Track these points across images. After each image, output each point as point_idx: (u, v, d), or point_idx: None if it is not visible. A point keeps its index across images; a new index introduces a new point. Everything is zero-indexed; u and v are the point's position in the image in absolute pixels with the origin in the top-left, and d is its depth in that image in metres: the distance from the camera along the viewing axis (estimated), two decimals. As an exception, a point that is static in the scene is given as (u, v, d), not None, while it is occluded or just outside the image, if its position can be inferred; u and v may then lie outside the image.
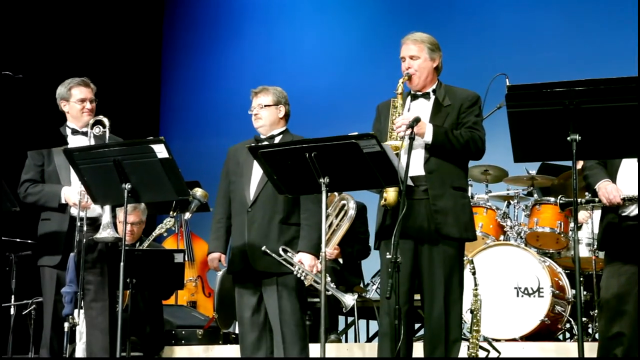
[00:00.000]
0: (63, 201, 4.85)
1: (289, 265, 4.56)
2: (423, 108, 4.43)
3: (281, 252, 4.58)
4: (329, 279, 4.68)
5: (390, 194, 4.29)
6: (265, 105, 4.76)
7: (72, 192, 4.80)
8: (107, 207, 4.72)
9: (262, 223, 4.65)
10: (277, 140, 4.73)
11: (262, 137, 4.79)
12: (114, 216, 4.97)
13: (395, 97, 4.40)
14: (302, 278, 4.56)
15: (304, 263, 4.55)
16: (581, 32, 8.17)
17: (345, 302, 4.71)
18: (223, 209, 4.84)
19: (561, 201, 4.59)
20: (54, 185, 4.91)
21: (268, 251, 4.58)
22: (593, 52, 7.95)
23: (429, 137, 4.28)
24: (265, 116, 4.76)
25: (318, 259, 4.57)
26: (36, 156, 4.97)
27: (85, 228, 4.75)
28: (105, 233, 4.69)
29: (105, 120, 4.91)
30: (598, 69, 7.12)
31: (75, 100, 5.00)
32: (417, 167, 4.29)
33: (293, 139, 4.64)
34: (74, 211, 4.81)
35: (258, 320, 4.66)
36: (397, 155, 4.13)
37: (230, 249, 4.78)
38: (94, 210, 4.84)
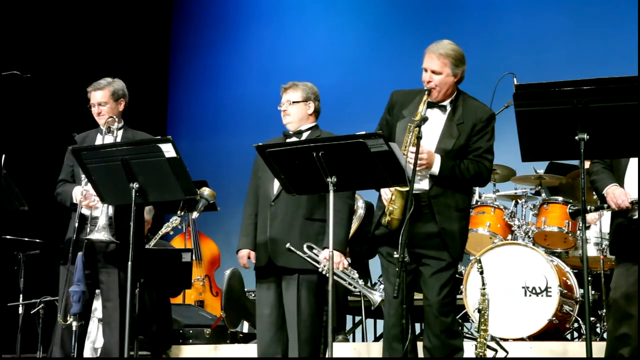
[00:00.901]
0: (74, 200, 4.88)
1: (314, 263, 4.52)
2: (436, 119, 4.34)
3: (306, 250, 4.54)
4: (356, 274, 4.67)
5: (394, 222, 4.23)
6: (293, 102, 4.74)
7: (78, 191, 4.83)
8: (105, 208, 4.73)
9: (284, 218, 4.62)
10: (304, 135, 4.71)
11: (291, 133, 4.76)
12: (129, 217, 4.99)
13: (412, 123, 4.21)
14: (328, 275, 4.51)
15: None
16: (589, 31, 8.15)
17: (373, 299, 4.69)
18: (252, 207, 4.81)
19: (570, 210, 4.58)
20: (71, 185, 4.96)
21: (292, 249, 4.53)
22: (601, 51, 7.94)
23: (436, 170, 4.24)
24: (294, 112, 4.74)
25: (345, 255, 4.56)
26: (69, 156, 5.02)
27: (89, 228, 4.77)
28: (100, 235, 4.69)
29: (116, 123, 4.95)
30: (606, 68, 7.11)
31: (91, 104, 5.05)
32: (422, 183, 4.26)
33: (321, 134, 4.64)
34: (83, 210, 4.84)
35: (277, 318, 4.62)
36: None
37: (256, 244, 4.76)
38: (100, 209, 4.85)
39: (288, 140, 4.69)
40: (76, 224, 4.78)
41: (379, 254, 4.45)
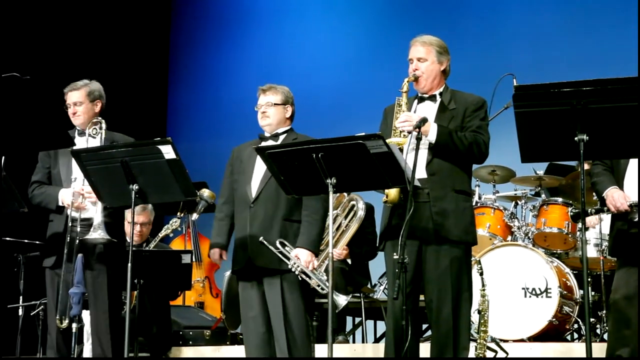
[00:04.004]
0: (60, 203, 4.86)
1: (285, 259, 4.54)
2: (429, 110, 4.41)
3: (278, 245, 4.56)
4: (324, 277, 4.67)
5: (392, 190, 4.27)
6: (274, 104, 4.75)
7: (68, 193, 4.82)
8: (99, 208, 4.71)
9: (264, 219, 4.63)
10: (281, 138, 4.72)
11: (267, 135, 4.77)
12: (122, 218, 4.97)
13: (400, 96, 4.40)
14: (297, 273, 4.53)
15: (300, 258, 4.53)
16: (589, 32, 8.16)
17: (337, 302, 4.69)
18: (226, 207, 4.83)
19: (571, 213, 4.57)
20: (54, 187, 4.94)
21: (265, 242, 4.55)
22: (601, 52, 7.94)
23: (432, 137, 4.26)
24: (273, 115, 4.74)
25: (316, 255, 4.57)
26: (44, 158, 5.03)
27: (79, 229, 4.76)
28: (95, 234, 4.67)
29: (103, 123, 4.96)
30: (606, 69, 7.11)
31: (67, 104, 5.05)
32: (419, 170, 4.25)
33: (297, 137, 4.64)
34: (72, 213, 4.82)
35: (263, 319, 4.62)
36: (400, 150, 4.12)
37: (234, 245, 4.77)
38: (90, 211, 4.84)
39: (264, 143, 4.69)
40: (69, 224, 4.76)
41: (385, 250, 4.44)
